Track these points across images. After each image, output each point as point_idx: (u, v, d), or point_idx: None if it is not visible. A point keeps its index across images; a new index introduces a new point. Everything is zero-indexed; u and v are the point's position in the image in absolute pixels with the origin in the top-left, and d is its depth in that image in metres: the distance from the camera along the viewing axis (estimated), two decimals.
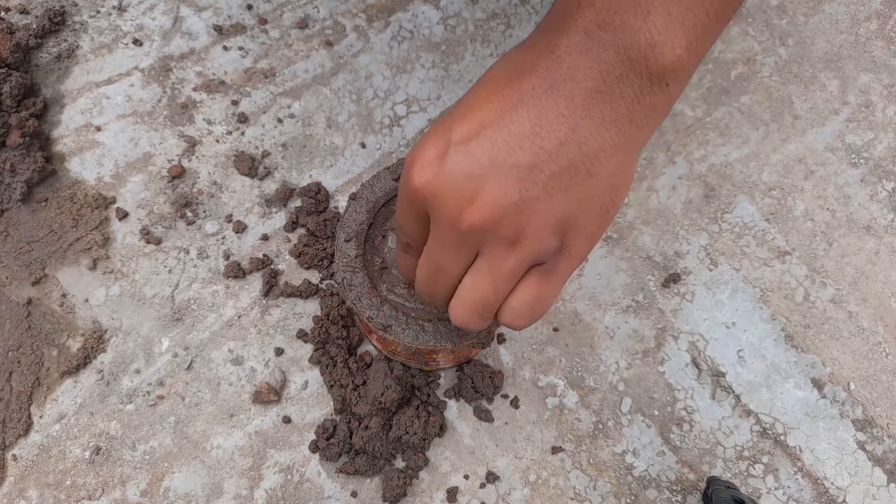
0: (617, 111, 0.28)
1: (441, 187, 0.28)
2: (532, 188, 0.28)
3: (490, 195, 0.28)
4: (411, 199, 0.30)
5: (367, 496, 0.52)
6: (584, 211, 0.29)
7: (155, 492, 0.51)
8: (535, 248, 0.29)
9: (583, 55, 0.27)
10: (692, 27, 0.27)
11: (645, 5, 0.26)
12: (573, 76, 0.27)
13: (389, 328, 0.41)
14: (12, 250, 0.56)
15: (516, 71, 0.28)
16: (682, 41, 0.27)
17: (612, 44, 0.27)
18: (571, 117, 0.27)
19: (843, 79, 0.66)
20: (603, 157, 0.28)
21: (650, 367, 0.57)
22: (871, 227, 0.62)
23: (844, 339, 0.59)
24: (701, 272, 0.60)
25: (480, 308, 0.32)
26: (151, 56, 0.62)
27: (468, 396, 0.55)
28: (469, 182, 0.28)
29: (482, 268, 0.30)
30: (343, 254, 0.43)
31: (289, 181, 0.60)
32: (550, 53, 0.27)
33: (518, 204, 0.28)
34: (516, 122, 0.27)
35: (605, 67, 0.27)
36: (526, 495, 0.53)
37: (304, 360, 0.55)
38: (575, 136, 0.27)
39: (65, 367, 0.53)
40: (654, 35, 0.26)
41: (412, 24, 0.66)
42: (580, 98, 0.27)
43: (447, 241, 0.30)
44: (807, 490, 0.55)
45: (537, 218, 0.28)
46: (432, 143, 0.29)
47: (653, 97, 0.28)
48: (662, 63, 0.27)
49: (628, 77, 0.27)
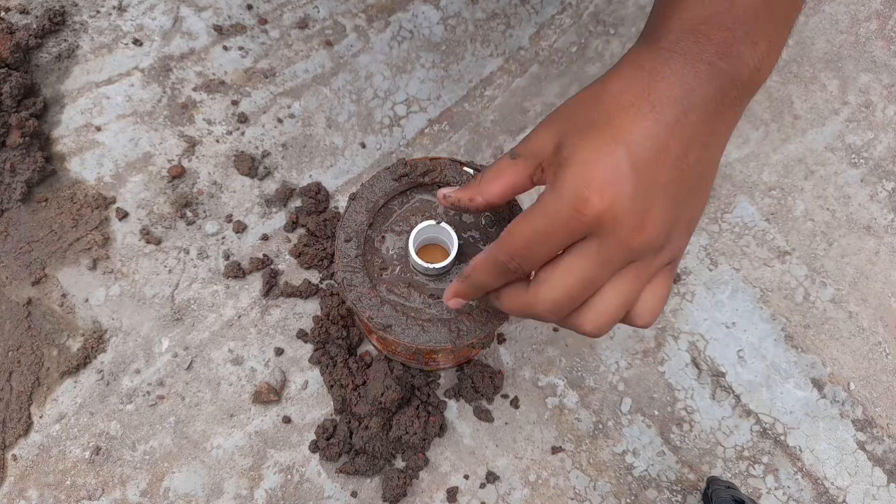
0: (729, 125, 0.33)
1: (623, 209, 0.30)
2: (678, 200, 0.32)
3: (657, 213, 0.31)
4: (582, 225, 0.31)
5: (367, 496, 0.52)
6: (700, 209, 0.34)
7: (155, 492, 0.51)
8: (674, 252, 0.33)
9: (708, 82, 0.31)
10: (780, 47, 0.33)
11: (755, 37, 0.32)
12: (703, 101, 0.31)
13: (389, 328, 0.41)
14: (12, 250, 0.56)
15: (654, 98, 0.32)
16: (775, 59, 0.33)
17: (729, 71, 0.32)
18: (703, 136, 0.32)
19: (843, 79, 0.66)
20: (716, 163, 0.33)
21: (650, 367, 0.57)
22: (871, 227, 0.62)
23: (844, 339, 0.59)
24: (701, 272, 0.60)
25: (622, 312, 0.34)
26: (151, 56, 0.62)
27: (468, 396, 0.55)
28: (644, 203, 0.31)
29: (630, 275, 0.33)
30: (343, 254, 0.43)
31: (289, 181, 0.60)
32: (682, 82, 0.32)
33: (672, 216, 0.32)
34: (671, 146, 0.31)
35: (723, 91, 0.32)
36: (526, 495, 0.53)
37: (304, 360, 0.55)
38: (706, 152, 0.32)
39: (65, 367, 0.53)
40: (760, 60, 0.32)
41: (412, 24, 0.66)
42: (709, 119, 0.32)
43: (613, 258, 0.32)
44: (807, 490, 0.55)
45: (679, 225, 0.33)
46: (603, 167, 0.30)
47: (746, 105, 0.34)
48: (760, 81, 0.33)
49: (739, 97, 0.33)
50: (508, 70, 0.65)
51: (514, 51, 0.66)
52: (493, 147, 0.62)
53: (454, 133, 0.63)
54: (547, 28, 0.67)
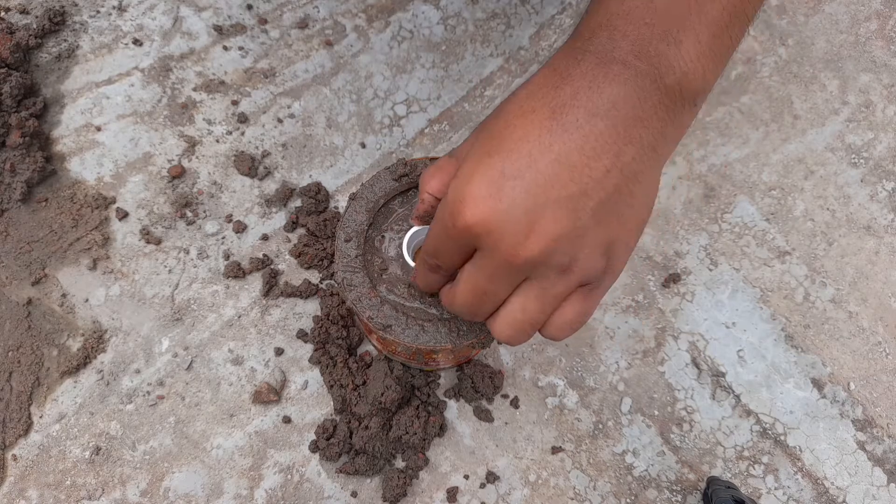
0: (653, 134, 0.29)
1: (497, 223, 0.28)
2: (583, 216, 0.29)
3: (546, 228, 0.28)
4: (460, 235, 0.30)
5: (367, 496, 0.52)
6: (625, 230, 0.30)
7: (155, 492, 0.51)
8: (585, 272, 0.30)
9: (621, 84, 0.28)
10: (718, 51, 0.29)
11: (677, 34, 0.28)
12: (614, 105, 0.28)
13: (389, 328, 0.41)
14: (12, 250, 0.56)
15: (554, 101, 0.29)
16: (710, 65, 0.29)
17: (648, 73, 0.28)
18: (614, 144, 0.28)
19: (843, 79, 0.66)
20: (641, 177, 0.29)
21: (650, 367, 0.57)
22: (871, 227, 0.62)
23: (844, 339, 0.59)
24: (701, 272, 0.60)
25: (528, 328, 0.32)
26: (151, 56, 0.62)
27: (468, 396, 0.55)
28: (525, 217, 0.28)
29: (531, 293, 0.31)
30: (343, 254, 0.43)
31: (289, 181, 0.60)
32: (590, 84, 0.28)
33: (571, 233, 0.29)
34: (565, 154, 0.28)
35: (643, 95, 0.28)
36: (526, 495, 0.53)
37: (304, 360, 0.55)
38: (619, 162, 0.28)
39: (65, 367, 0.53)
40: (687, 63, 0.28)
41: (412, 24, 0.66)
42: (622, 126, 0.28)
43: (500, 273, 0.30)
44: (807, 490, 0.55)
45: (588, 244, 0.29)
46: (481, 178, 0.29)
47: (682, 117, 0.30)
48: (694, 87, 0.29)
49: (663, 102, 0.29)
50: (508, 70, 0.65)
51: (514, 51, 0.66)
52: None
53: (454, 133, 0.63)
54: (547, 28, 0.67)
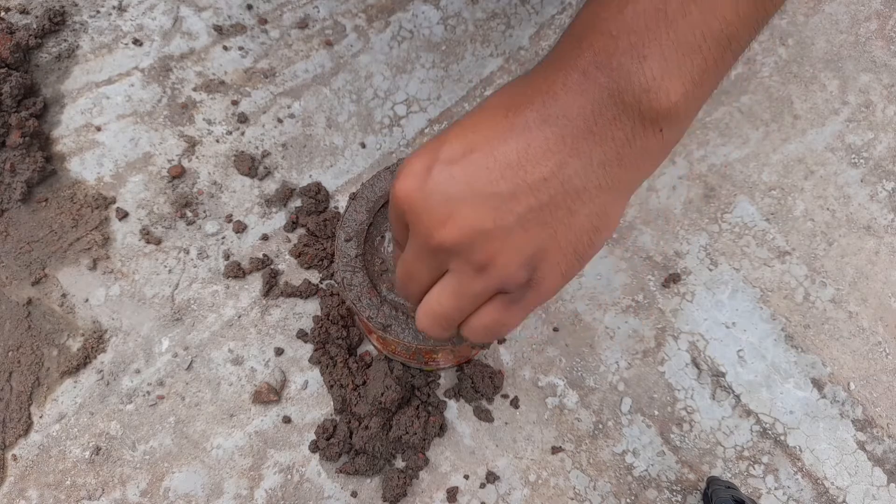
0: (606, 153, 0.28)
1: (419, 202, 0.29)
2: (507, 218, 0.28)
3: (463, 219, 0.28)
4: (394, 206, 0.31)
5: (367, 496, 0.52)
6: (558, 248, 0.29)
7: (155, 492, 0.51)
8: (503, 278, 0.29)
9: (578, 94, 0.27)
10: (689, 73, 0.27)
11: (641, 49, 0.26)
12: (566, 114, 0.27)
13: (389, 328, 0.41)
14: (12, 250, 0.56)
15: (513, 102, 0.29)
16: (678, 87, 0.27)
17: (607, 86, 0.27)
18: (559, 154, 0.27)
19: (843, 79, 0.66)
20: (586, 196, 0.28)
21: (650, 367, 0.57)
22: (871, 227, 0.62)
23: (844, 339, 0.59)
24: (701, 272, 0.60)
25: (442, 321, 0.32)
26: (151, 56, 0.62)
27: (468, 396, 0.55)
28: (446, 202, 0.28)
29: (447, 286, 0.31)
30: (343, 254, 0.43)
31: (289, 181, 0.60)
32: (547, 89, 0.28)
33: (490, 232, 0.28)
34: (503, 152, 0.28)
35: (597, 108, 0.27)
36: (526, 495, 0.53)
37: (304, 360, 0.55)
38: (560, 172, 0.28)
39: (65, 367, 0.53)
40: (649, 80, 0.27)
41: (412, 24, 0.66)
42: (570, 136, 0.27)
43: (418, 252, 0.31)
44: (807, 490, 0.55)
45: (508, 248, 0.29)
46: (421, 156, 0.29)
47: (645, 141, 0.28)
48: (656, 108, 0.27)
49: (620, 119, 0.27)
50: (508, 70, 0.65)
51: (514, 51, 0.66)
52: None
53: None
54: (547, 28, 0.67)
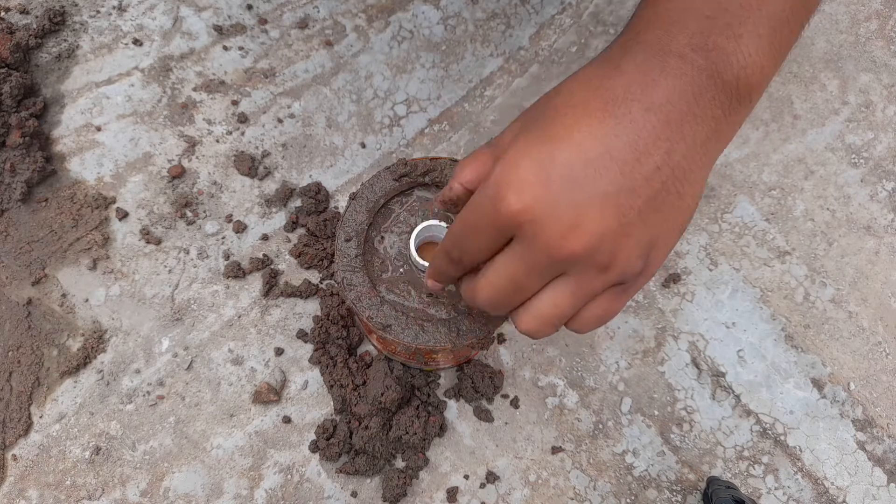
0: (707, 131, 0.28)
1: (543, 213, 0.27)
2: (629, 214, 0.27)
3: (592, 224, 0.27)
4: (501, 222, 0.29)
5: (367, 496, 0.52)
6: (668, 230, 0.29)
7: (155, 492, 0.51)
8: (623, 273, 0.29)
9: (678, 78, 0.27)
10: (777, 46, 0.28)
11: (737, 28, 0.27)
12: (669, 99, 0.27)
13: (389, 328, 0.41)
14: (12, 250, 0.56)
15: (607, 93, 0.28)
16: (770, 60, 0.28)
17: (706, 67, 0.27)
18: (668, 141, 0.27)
19: (843, 79, 0.66)
20: (692, 176, 0.28)
21: (650, 367, 0.57)
22: (871, 227, 0.62)
23: (844, 339, 0.59)
24: (701, 272, 0.60)
25: (557, 322, 0.31)
26: (151, 56, 0.63)
27: (468, 396, 0.55)
28: (572, 209, 0.27)
29: (566, 289, 0.30)
30: (343, 253, 0.43)
31: (289, 181, 0.60)
32: (643, 77, 0.27)
33: (616, 231, 0.28)
34: (617, 148, 0.27)
35: (698, 90, 0.27)
36: (526, 495, 0.53)
37: (304, 360, 0.55)
38: (670, 159, 0.27)
39: (65, 367, 0.53)
40: (746, 57, 0.27)
41: (412, 24, 0.66)
42: (675, 121, 0.27)
43: (538, 265, 0.29)
44: (807, 490, 0.55)
45: (630, 243, 0.28)
46: (528, 164, 0.28)
47: (738, 114, 0.29)
48: (751, 82, 0.28)
49: (719, 98, 0.28)
50: (508, 70, 0.65)
51: (514, 51, 0.66)
52: None
53: (454, 133, 0.63)
54: (547, 28, 0.67)
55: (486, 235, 0.30)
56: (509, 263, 0.30)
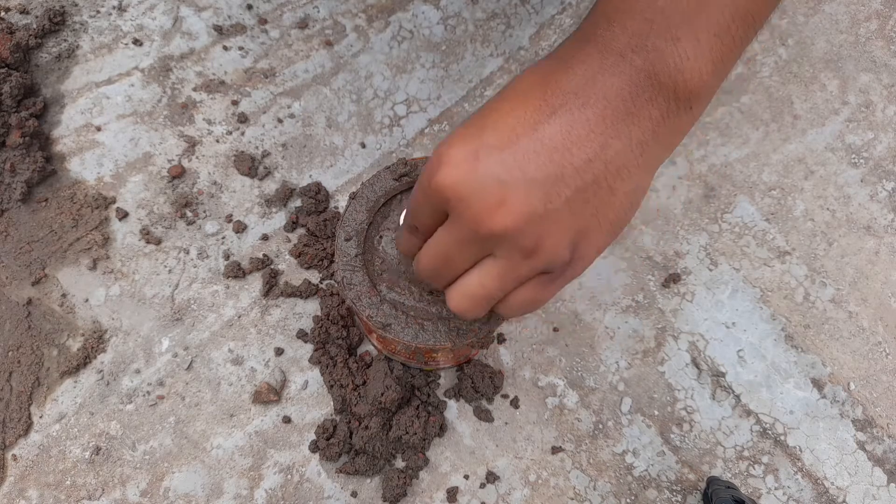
0: (643, 132, 0.29)
1: (468, 190, 0.29)
2: (556, 201, 0.28)
3: (516, 204, 0.28)
4: (433, 195, 0.30)
5: (367, 496, 0.52)
6: (598, 225, 0.30)
7: (155, 492, 0.51)
8: (549, 260, 0.30)
9: (616, 76, 0.28)
10: (718, 53, 0.28)
11: (675, 31, 0.28)
12: (605, 95, 0.28)
13: (389, 327, 0.41)
14: (12, 250, 0.56)
15: (548, 85, 0.29)
16: (709, 66, 0.28)
17: (643, 67, 0.28)
18: (602, 135, 0.28)
19: (843, 79, 0.66)
20: (625, 174, 0.29)
21: (650, 367, 0.57)
22: (871, 227, 0.62)
23: (844, 339, 0.59)
24: (701, 272, 0.60)
25: (483, 302, 0.32)
26: (151, 56, 0.63)
27: (468, 396, 0.55)
28: (497, 188, 0.28)
29: (493, 270, 0.31)
30: (343, 253, 0.43)
31: (289, 181, 0.60)
32: (584, 71, 0.29)
33: (542, 216, 0.28)
34: (548, 136, 0.28)
35: (635, 90, 0.28)
36: (526, 495, 0.53)
37: (304, 360, 0.55)
38: (603, 153, 0.28)
39: (65, 367, 0.53)
40: (683, 61, 0.28)
41: (412, 24, 0.66)
42: (610, 118, 0.28)
43: (463, 240, 0.30)
44: (807, 490, 0.55)
45: (556, 231, 0.29)
46: (462, 143, 0.29)
47: (677, 119, 0.29)
48: (689, 87, 0.28)
49: (656, 100, 0.28)
50: (508, 70, 0.65)
51: (514, 51, 0.66)
52: None
53: None
54: (547, 28, 0.67)
55: (426, 207, 0.31)
56: (442, 236, 0.31)
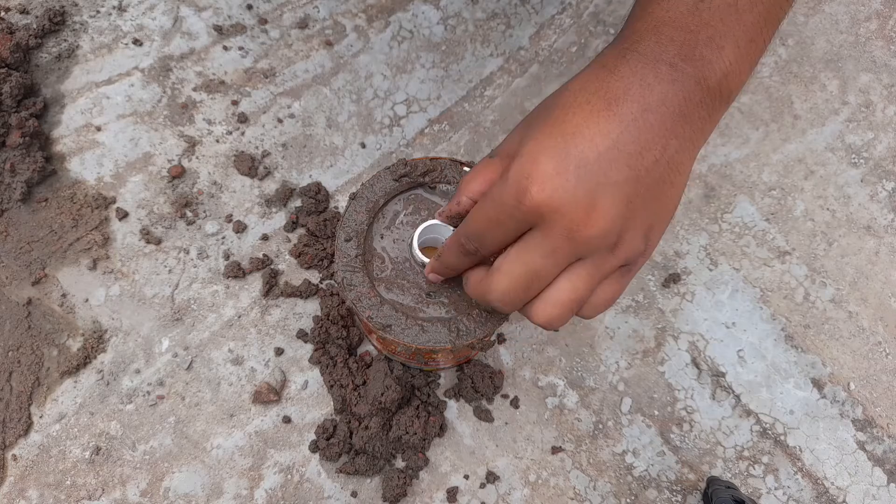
0: (694, 130, 0.32)
1: (564, 201, 0.30)
2: (634, 200, 0.31)
3: (605, 209, 0.31)
4: (523, 214, 0.31)
5: (367, 496, 0.52)
6: (663, 215, 0.34)
7: (155, 492, 0.51)
8: (630, 253, 0.33)
9: (670, 84, 0.31)
10: (754, 55, 0.33)
11: (719, 41, 0.32)
12: (664, 102, 0.31)
13: (389, 328, 0.41)
14: (12, 250, 0.56)
15: (610, 95, 0.32)
16: (746, 66, 0.33)
17: (694, 75, 0.31)
18: (663, 138, 0.31)
19: (843, 79, 0.66)
20: (681, 168, 0.33)
21: (650, 367, 0.57)
22: (871, 227, 0.62)
23: (844, 339, 0.59)
24: (701, 272, 0.60)
25: (574, 307, 0.34)
26: (151, 56, 0.62)
27: (468, 396, 0.55)
28: (588, 197, 0.31)
29: (583, 272, 0.33)
30: (343, 253, 0.43)
31: (289, 181, 0.60)
32: (641, 81, 0.32)
33: (624, 215, 0.31)
34: (624, 143, 0.31)
35: (688, 95, 0.31)
36: (526, 495, 0.53)
37: (304, 360, 0.55)
38: (665, 154, 0.32)
39: (65, 367, 0.53)
40: (727, 66, 0.32)
41: (412, 24, 0.66)
42: (669, 121, 0.31)
43: (558, 250, 0.32)
44: (807, 490, 0.55)
45: (634, 226, 0.32)
46: (547, 158, 0.31)
47: (719, 114, 0.33)
48: (731, 87, 0.32)
49: (705, 101, 0.32)
50: (508, 70, 0.65)
51: (514, 51, 0.66)
52: (494, 147, 0.62)
53: (454, 133, 0.63)
54: (547, 28, 0.67)
55: (507, 228, 0.33)
56: (529, 252, 0.33)
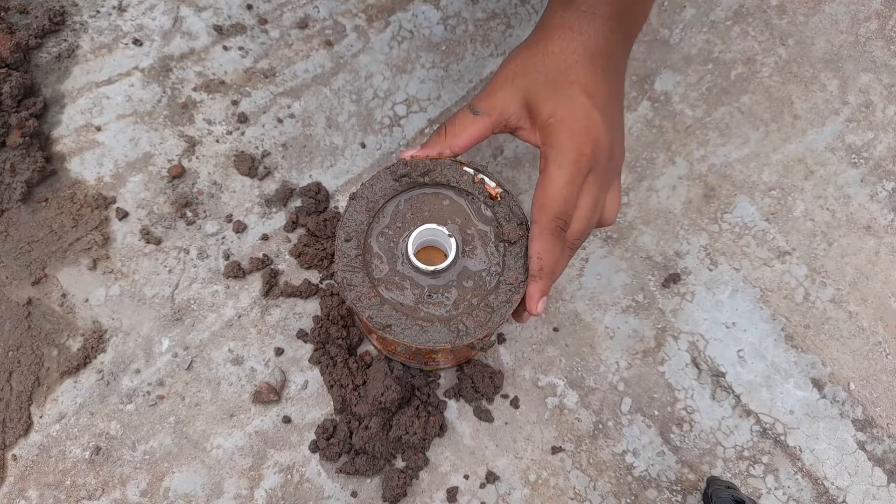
0: (623, 62, 0.45)
1: (604, 145, 0.41)
2: (617, 126, 0.44)
3: (618, 141, 0.43)
4: (587, 166, 0.40)
5: (367, 496, 0.52)
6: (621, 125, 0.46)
7: (155, 492, 0.52)
8: (621, 161, 0.45)
9: (615, 33, 0.42)
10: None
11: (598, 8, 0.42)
12: (616, 49, 0.43)
13: (389, 328, 0.41)
14: (12, 250, 0.56)
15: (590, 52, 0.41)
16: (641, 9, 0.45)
17: (625, 23, 0.43)
18: (619, 74, 0.44)
19: (843, 79, 0.66)
20: (622, 94, 0.46)
21: (650, 367, 0.57)
22: (871, 227, 0.62)
23: (844, 339, 0.59)
24: (701, 272, 0.60)
25: (596, 216, 0.44)
26: (151, 56, 0.63)
27: (468, 396, 0.55)
28: (610, 136, 0.41)
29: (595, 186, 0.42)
30: (343, 253, 0.43)
31: (289, 181, 0.60)
32: (602, 37, 0.41)
33: (617, 137, 0.43)
34: (609, 87, 0.42)
35: (625, 37, 0.43)
36: (526, 495, 0.53)
37: (304, 360, 0.55)
38: (618, 85, 0.44)
39: (65, 367, 0.53)
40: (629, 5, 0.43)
41: (412, 24, 0.66)
42: (619, 63, 0.44)
43: (604, 183, 0.42)
44: (807, 490, 0.55)
45: (620, 142, 0.44)
46: (583, 118, 0.40)
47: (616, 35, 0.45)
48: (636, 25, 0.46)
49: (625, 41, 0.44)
50: None
51: None
52: (493, 147, 0.62)
53: None
54: None
55: (580, 184, 0.40)
56: (594, 192, 0.41)
